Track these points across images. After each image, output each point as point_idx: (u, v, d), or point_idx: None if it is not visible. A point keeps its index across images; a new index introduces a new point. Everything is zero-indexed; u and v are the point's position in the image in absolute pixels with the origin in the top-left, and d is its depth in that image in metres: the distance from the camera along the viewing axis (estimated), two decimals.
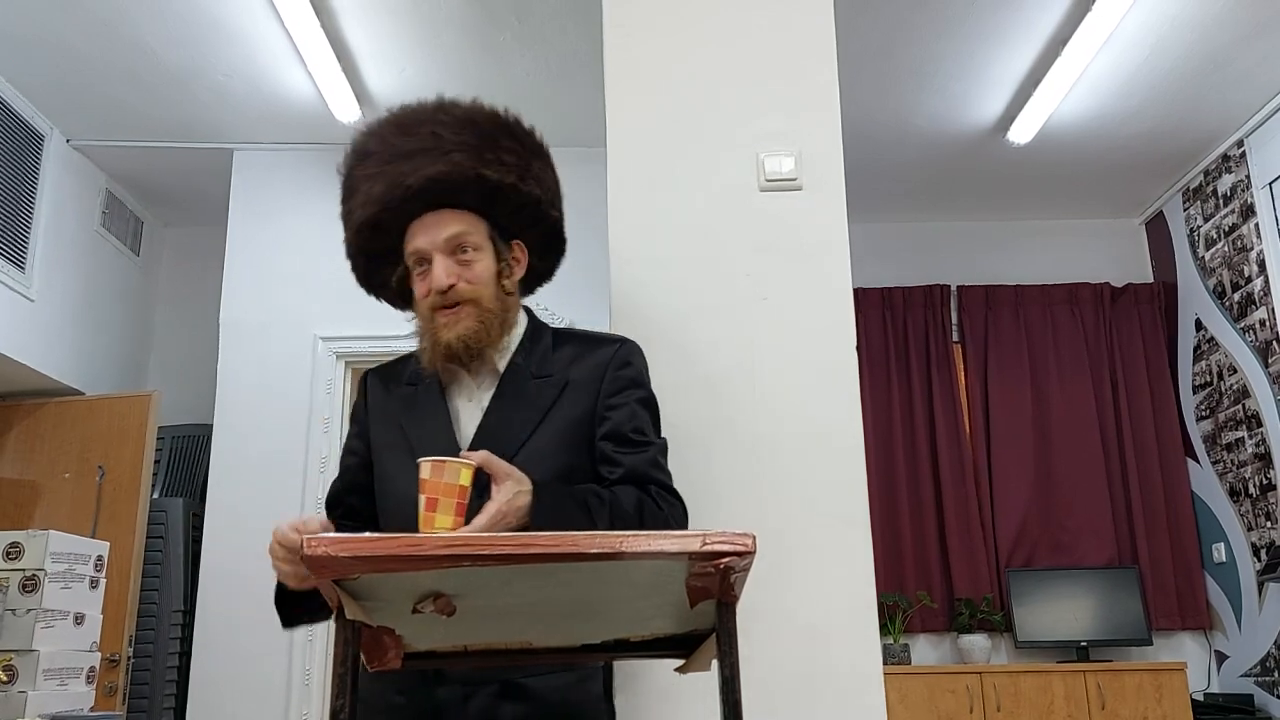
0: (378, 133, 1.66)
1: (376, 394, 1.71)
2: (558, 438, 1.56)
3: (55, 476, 4.43)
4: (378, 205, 1.61)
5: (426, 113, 1.64)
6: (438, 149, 1.59)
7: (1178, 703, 4.38)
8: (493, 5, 3.77)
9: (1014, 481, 5.07)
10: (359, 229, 1.65)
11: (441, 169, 1.57)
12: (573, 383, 1.61)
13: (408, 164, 1.59)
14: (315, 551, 1.02)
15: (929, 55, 4.12)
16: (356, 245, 1.70)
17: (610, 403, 1.60)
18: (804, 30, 2.25)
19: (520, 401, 1.59)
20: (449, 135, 1.60)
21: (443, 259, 1.58)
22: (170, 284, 5.37)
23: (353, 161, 1.68)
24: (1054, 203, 5.38)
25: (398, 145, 1.61)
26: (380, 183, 1.60)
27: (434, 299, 1.58)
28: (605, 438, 1.58)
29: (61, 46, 3.97)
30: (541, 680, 1.50)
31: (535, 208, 1.66)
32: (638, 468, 1.55)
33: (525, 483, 1.41)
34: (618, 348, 1.66)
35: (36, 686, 2.64)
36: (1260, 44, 4.04)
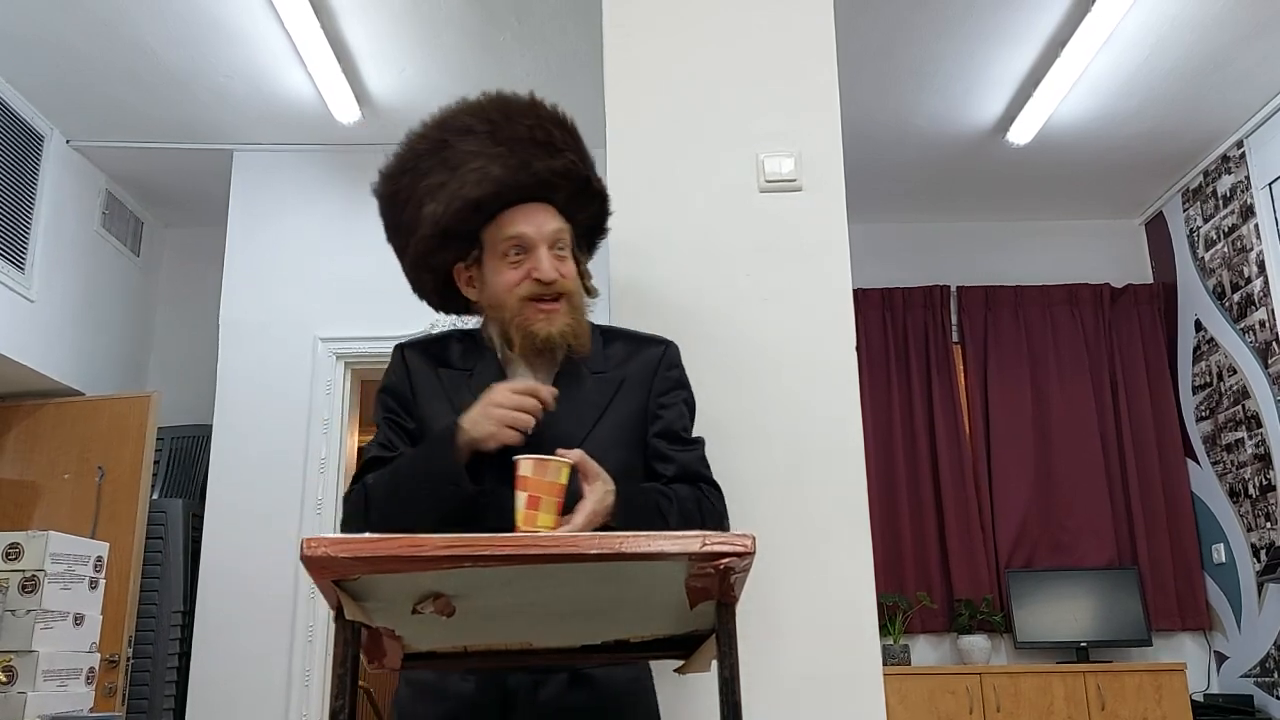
0: (479, 111, 1.63)
1: (422, 371, 1.66)
2: (615, 434, 1.59)
3: (55, 477, 4.43)
4: (495, 186, 1.57)
5: (526, 105, 1.64)
6: (551, 143, 1.60)
7: (1177, 703, 4.38)
8: (493, 5, 3.77)
9: (1014, 482, 5.06)
10: (462, 207, 1.58)
11: (565, 164, 1.59)
12: (627, 380, 1.64)
13: (525, 150, 1.58)
14: (315, 552, 1.02)
15: (929, 56, 4.12)
16: (446, 221, 1.59)
17: (662, 401, 1.65)
18: (804, 30, 2.25)
19: (580, 397, 1.60)
20: (556, 132, 1.62)
21: (545, 250, 1.58)
22: (170, 284, 5.37)
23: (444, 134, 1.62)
24: (1054, 203, 5.38)
25: (505, 129, 1.60)
26: (499, 164, 1.57)
27: (531, 288, 1.57)
28: (659, 435, 1.62)
29: (61, 47, 3.97)
30: (607, 671, 1.55)
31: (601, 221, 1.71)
32: (690, 465, 1.62)
33: (610, 482, 1.44)
34: (665, 348, 1.70)
35: (36, 687, 2.64)
36: (1260, 44, 4.05)
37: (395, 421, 1.63)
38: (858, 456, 2.02)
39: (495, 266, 1.60)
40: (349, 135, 4.55)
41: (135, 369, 5.15)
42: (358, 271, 4.55)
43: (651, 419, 1.63)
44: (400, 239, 1.68)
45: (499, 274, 1.59)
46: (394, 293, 4.96)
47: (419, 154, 1.64)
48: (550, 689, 1.50)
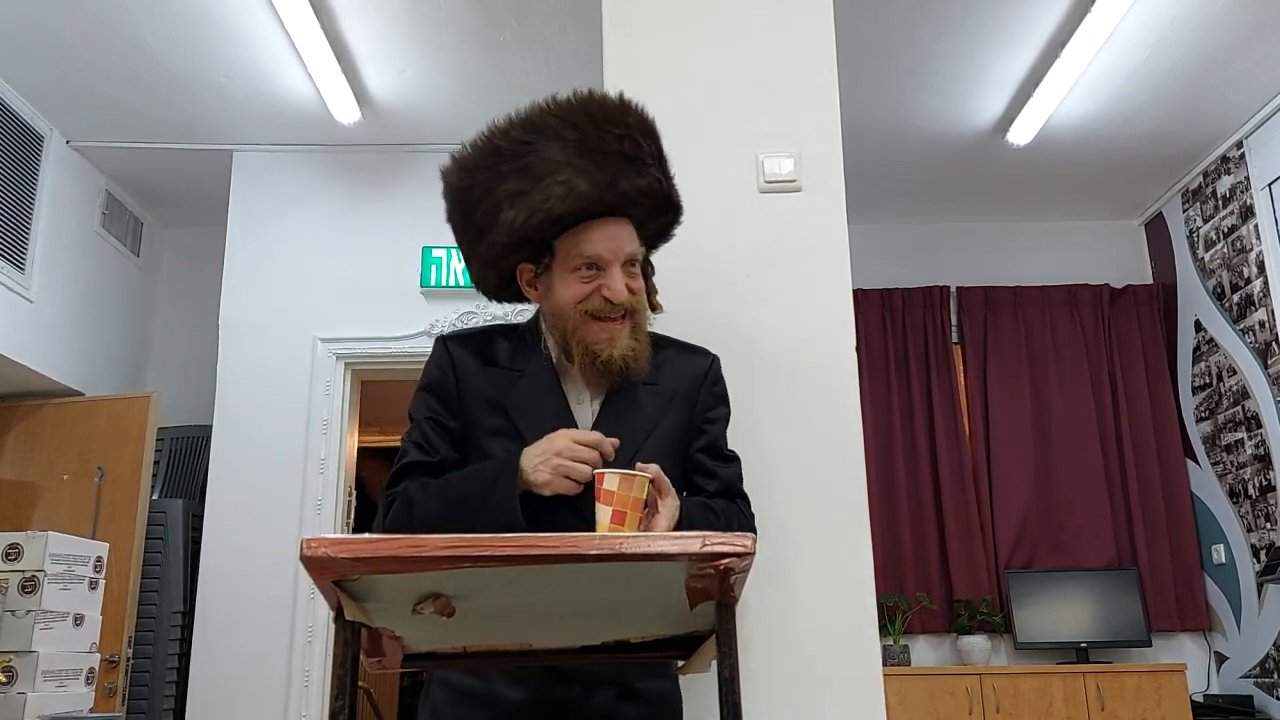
0: (568, 116, 1.56)
1: (469, 369, 1.61)
2: (663, 447, 1.59)
3: (54, 477, 4.43)
4: (582, 203, 1.53)
5: (617, 110, 1.59)
6: (639, 158, 1.57)
7: (1177, 704, 4.38)
8: (492, 6, 3.77)
9: (1013, 482, 5.06)
10: (545, 221, 1.54)
11: (650, 183, 1.57)
12: (677, 394, 1.65)
13: (612, 165, 1.54)
14: (314, 552, 1.02)
15: (929, 56, 4.12)
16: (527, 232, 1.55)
17: (708, 417, 1.66)
18: (803, 31, 2.25)
19: (633, 408, 1.60)
20: (645, 144, 1.58)
21: (618, 270, 1.56)
22: (170, 285, 5.37)
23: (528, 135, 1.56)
24: (1053, 204, 5.38)
25: (594, 138, 1.54)
26: (586, 180, 1.52)
27: (598, 305, 1.54)
28: (703, 450, 1.64)
29: (61, 47, 3.97)
30: (653, 683, 1.57)
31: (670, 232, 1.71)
32: (732, 480, 1.66)
33: (677, 498, 1.47)
34: (711, 362, 1.71)
35: (36, 687, 2.64)
36: (1260, 45, 4.05)
37: (437, 421, 1.58)
38: (858, 457, 2.02)
39: (564, 277, 1.57)
40: (349, 136, 4.55)
41: (135, 369, 5.15)
42: (357, 272, 4.55)
43: (696, 434, 1.65)
44: (470, 236, 1.63)
45: (567, 286, 1.56)
46: (393, 293, 4.97)
47: (500, 153, 1.57)
48: (599, 699, 1.51)
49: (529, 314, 1.72)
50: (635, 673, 1.54)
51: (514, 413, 1.57)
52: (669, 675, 1.61)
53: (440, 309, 4.48)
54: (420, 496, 1.50)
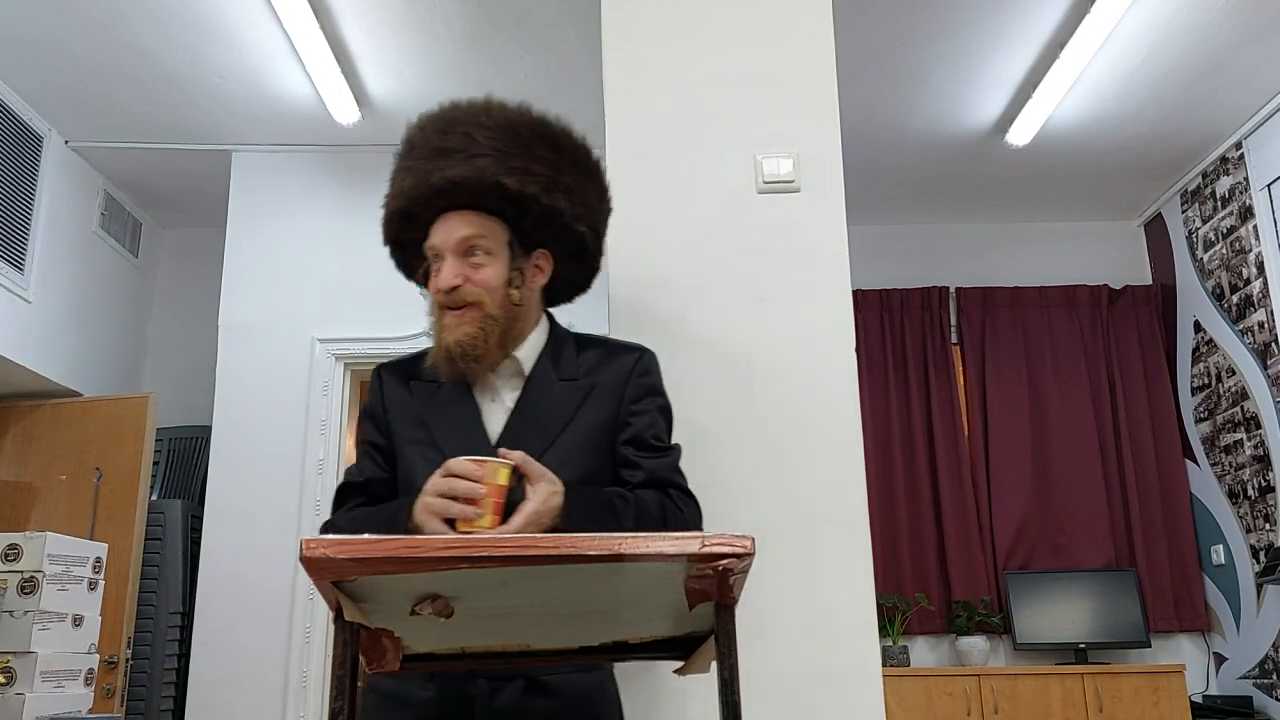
0: (424, 127, 1.68)
1: (394, 389, 1.70)
2: (582, 441, 1.59)
3: (52, 478, 4.43)
4: (405, 199, 1.64)
5: (470, 112, 1.66)
6: (466, 151, 1.60)
7: (1176, 705, 4.38)
8: (492, 8, 3.77)
9: (1012, 483, 5.07)
10: (389, 219, 1.69)
11: (464, 172, 1.59)
12: (597, 387, 1.64)
13: (439, 161, 1.61)
14: (314, 553, 1.02)
15: (927, 57, 4.12)
16: (390, 233, 1.72)
17: (633, 409, 1.64)
18: (802, 32, 2.25)
19: (547, 403, 1.62)
20: (482, 138, 1.61)
21: (453, 259, 1.59)
22: (168, 286, 5.37)
23: (401, 151, 1.71)
24: (1052, 205, 5.39)
25: (434, 142, 1.64)
26: (411, 177, 1.63)
27: (441, 297, 1.60)
28: (628, 442, 1.62)
29: (60, 48, 3.96)
30: (565, 678, 1.54)
31: (559, 219, 1.65)
32: (658, 471, 1.60)
33: (558, 484, 1.44)
34: (639, 356, 1.70)
35: (34, 689, 2.64)
36: (1259, 46, 4.05)
37: (369, 444, 1.68)
38: (857, 457, 2.02)
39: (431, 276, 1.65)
40: (348, 136, 4.55)
41: (133, 370, 5.15)
42: (356, 273, 4.55)
43: (621, 426, 1.63)
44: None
45: (430, 283, 1.64)
46: (392, 294, 4.97)
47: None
48: (506, 695, 1.50)
49: None
50: (545, 669, 1.53)
51: (430, 422, 1.63)
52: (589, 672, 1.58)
53: None
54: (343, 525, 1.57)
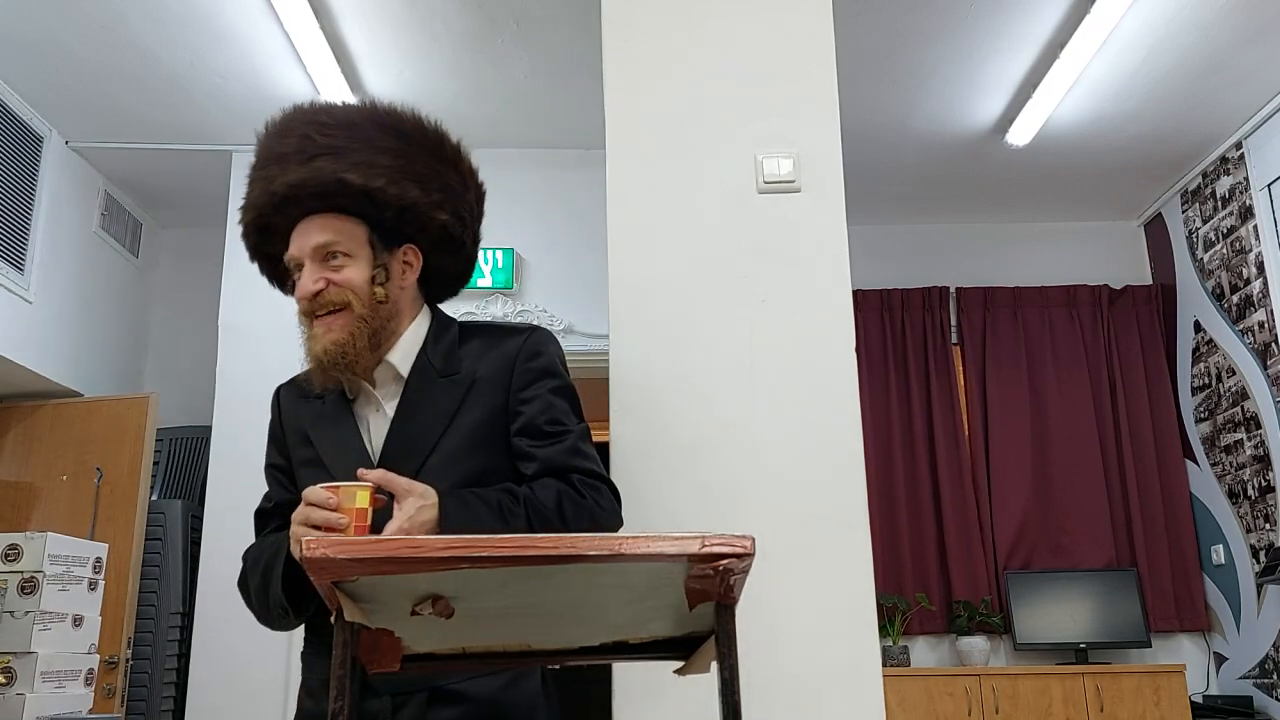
0: (263, 136, 1.62)
1: (287, 408, 1.67)
2: (468, 439, 1.52)
3: (53, 478, 4.43)
4: (253, 211, 1.59)
5: (306, 114, 1.59)
6: (303, 152, 1.54)
7: (1176, 705, 4.38)
8: (491, 8, 3.78)
9: (1012, 483, 5.07)
10: (245, 233, 1.64)
11: (302, 174, 1.53)
12: (480, 380, 1.55)
13: (276, 168, 1.55)
14: (314, 553, 1.02)
15: (928, 57, 4.12)
16: (249, 247, 1.67)
17: (522, 396, 1.55)
18: (802, 32, 2.25)
19: (427, 405, 1.54)
20: (318, 138, 1.55)
21: (311, 266, 1.54)
22: (169, 286, 5.37)
23: (252, 162, 1.64)
24: (1052, 205, 5.39)
25: (273, 148, 1.58)
26: (256, 187, 1.58)
27: (304, 305, 1.55)
28: (519, 433, 1.53)
29: (60, 49, 3.97)
30: (473, 683, 1.46)
31: (415, 209, 1.57)
32: (554, 459, 1.50)
33: (429, 495, 1.38)
34: (526, 337, 1.59)
35: (34, 689, 2.64)
36: (1259, 46, 4.05)
37: (273, 466, 1.66)
38: (857, 458, 2.02)
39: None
40: None
41: (134, 370, 5.15)
42: None
43: (513, 416, 1.54)
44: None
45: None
46: None
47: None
48: (410, 710, 1.44)
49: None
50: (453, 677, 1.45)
51: (315, 439, 1.59)
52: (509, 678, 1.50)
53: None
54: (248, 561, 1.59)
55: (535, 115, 4.38)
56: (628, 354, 2.06)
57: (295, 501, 1.47)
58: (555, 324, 4.38)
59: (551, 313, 4.39)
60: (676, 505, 1.83)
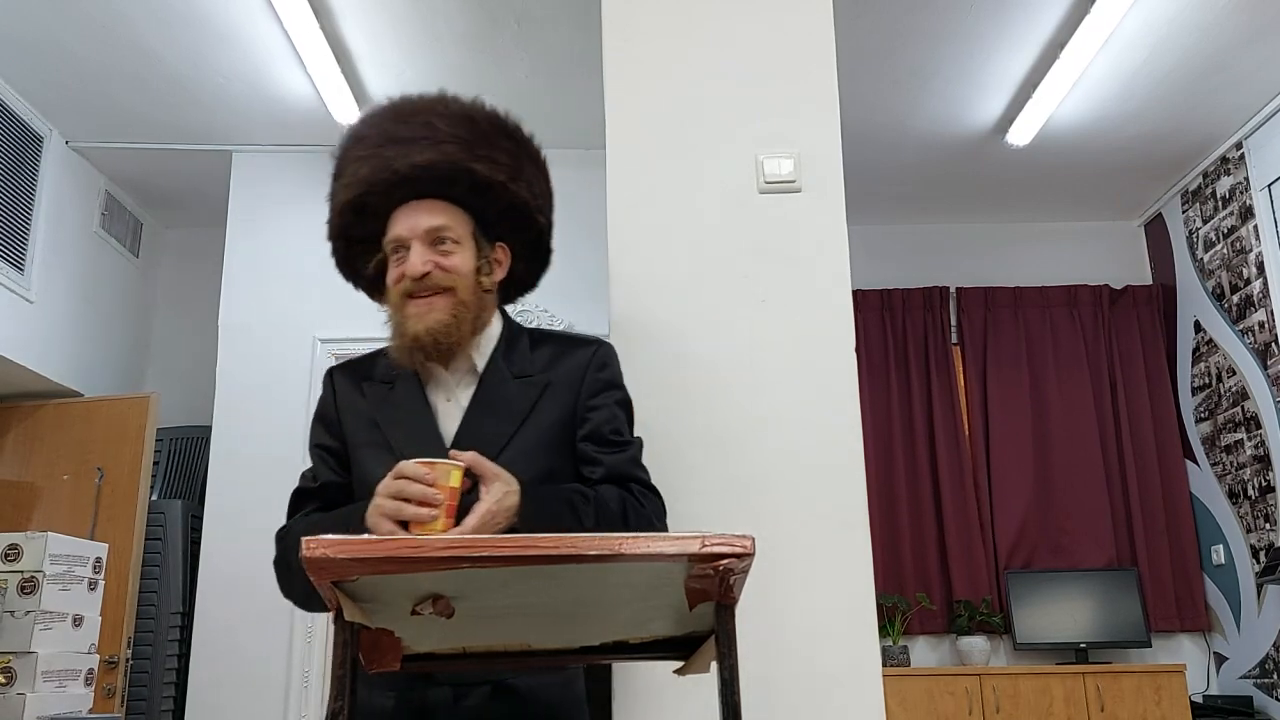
0: (374, 118, 1.65)
1: (345, 390, 1.67)
2: (539, 439, 1.56)
3: (54, 478, 4.43)
4: (363, 187, 1.59)
5: (425, 103, 1.65)
6: (431, 138, 1.58)
7: (1177, 705, 4.38)
8: (492, 8, 3.78)
9: (1013, 483, 5.06)
10: (342, 209, 1.63)
11: (431, 157, 1.57)
12: (553, 384, 1.60)
13: (399, 148, 1.58)
14: (314, 553, 1.02)
15: (928, 57, 4.12)
16: (338, 227, 1.66)
17: (590, 404, 1.61)
18: (803, 32, 2.25)
19: (502, 402, 1.58)
20: (444, 126, 1.59)
21: (420, 247, 1.57)
22: (169, 286, 5.37)
23: (346, 144, 1.66)
24: (1053, 205, 5.39)
25: (391, 131, 1.61)
26: (367, 165, 1.59)
27: (407, 284, 1.56)
28: (586, 438, 1.59)
29: (61, 49, 3.97)
30: (530, 680, 1.51)
31: (523, 210, 1.64)
32: (619, 467, 1.58)
33: (513, 483, 1.41)
34: (595, 349, 1.66)
35: (35, 688, 2.64)
36: (1259, 46, 4.05)
37: (321, 447, 1.65)
38: (857, 458, 2.02)
39: (389, 269, 1.61)
40: None
41: (134, 370, 5.15)
42: None
43: (580, 422, 1.60)
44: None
45: (389, 274, 1.60)
46: None
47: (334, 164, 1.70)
48: (472, 700, 1.47)
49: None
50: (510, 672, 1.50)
51: (382, 423, 1.59)
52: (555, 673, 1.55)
53: None
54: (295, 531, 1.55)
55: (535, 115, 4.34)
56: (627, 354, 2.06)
57: (343, 485, 1.61)
58: (555, 324, 4.38)
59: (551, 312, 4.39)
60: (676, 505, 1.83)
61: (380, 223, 1.61)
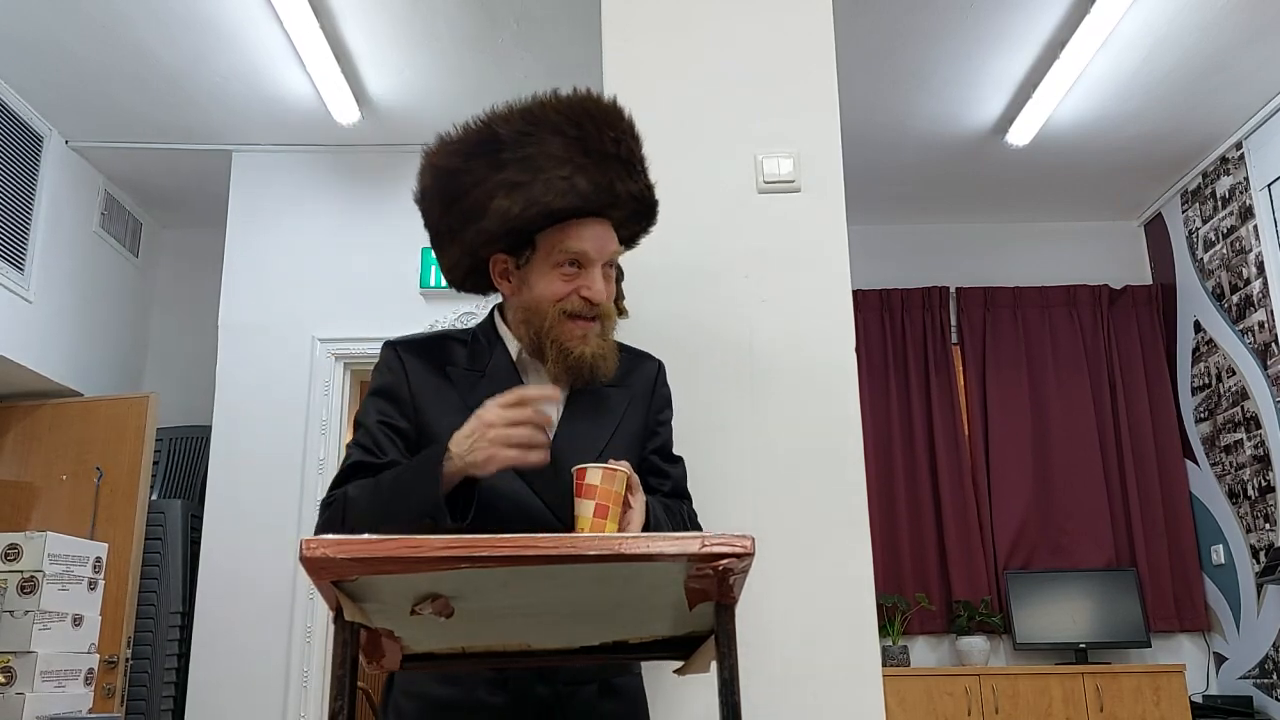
0: (570, 114, 1.56)
1: (420, 372, 1.59)
2: (626, 445, 1.61)
3: (53, 478, 4.43)
4: (580, 200, 1.53)
5: (615, 115, 1.59)
6: (632, 163, 1.58)
7: (1176, 705, 4.38)
8: (492, 7, 3.77)
9: (1012, 483, 5.06)
10: (540, 213, 1.52)
11: (640, 189, 1.60)
12: (635, 395, 1.67)
13: (610, 166, 1.55)
14: (313, 553, 1.02)
15: (928, 57, 4.12)
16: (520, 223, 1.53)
17: (659, 418, 1.70)
18: (803, 32, 2.25)
19: (597, 407, 1.61)
20: (635, 149, 1.59)
21: (601, 271, 1.57)
22: (169, 286, 5.37)
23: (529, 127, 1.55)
24: (1053, 205, 5.39)
25: (595, 140, 1.55)
26: (586, 178, 1.53)
27: (576, 305, 1.54)
28: (655, 451, 1.67)
29: (61, 49, 3.96)
30: (626, 681, 1.59)
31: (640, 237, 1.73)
32: (681, 481, 1.69)
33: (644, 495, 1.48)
34: (659, 365, 1.74)
35: (34, 688, 2.64)
36: (1259, 46, 4.05)
37: (389, 424, 1.55)
38: (857, 458, 2.02)
39: (545, 273, 1.55)
40: (348, 136, 4.55)
41: (134, 370, 5.15)
42: (356, 272, 4.55)
43: (649, 435, 1.67)
44: (452, 220, 1.59)
45: (548, 282, 1.55)
46: (392, 294, 4.97)
47: (500, 141, 1.55)
48: (584, 696, 1.52)
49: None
50: (613, 670, 1.56)
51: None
52: (636, 673, 1.64)
53: (439, 309, 4.47)
54: (355, 493, 1.46)
55: None
56: None
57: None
58: None
59: None
60: None
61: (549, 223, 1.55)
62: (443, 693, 1.49)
